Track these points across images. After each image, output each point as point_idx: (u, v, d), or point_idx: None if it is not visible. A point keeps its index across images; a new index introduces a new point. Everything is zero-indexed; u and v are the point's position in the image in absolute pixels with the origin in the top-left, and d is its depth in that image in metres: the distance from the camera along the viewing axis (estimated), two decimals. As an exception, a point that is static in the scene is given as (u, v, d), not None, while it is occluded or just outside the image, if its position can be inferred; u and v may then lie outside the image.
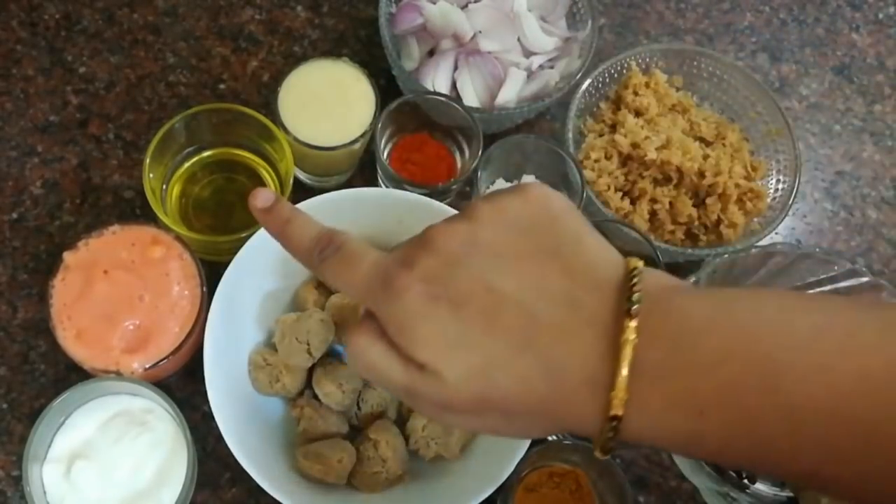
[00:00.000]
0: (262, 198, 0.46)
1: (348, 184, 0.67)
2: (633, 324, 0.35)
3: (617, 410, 0.34)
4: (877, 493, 0.33)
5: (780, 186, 0.67)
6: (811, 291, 0.64)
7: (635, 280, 0.36)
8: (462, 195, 0.66)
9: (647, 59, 0.70)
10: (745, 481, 0.56)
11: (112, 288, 0.52)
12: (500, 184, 0.65)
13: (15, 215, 0.64)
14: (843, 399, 0.32)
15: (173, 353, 0.52)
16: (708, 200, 0.65)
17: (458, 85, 0.67)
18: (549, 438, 0.58)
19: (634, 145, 0.65)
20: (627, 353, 0.34)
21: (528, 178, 0.64)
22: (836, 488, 0.35)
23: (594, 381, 0.35)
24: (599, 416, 0.35)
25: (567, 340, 0.36)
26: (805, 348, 0.33)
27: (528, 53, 0.69)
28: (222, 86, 0.70)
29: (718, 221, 0.65)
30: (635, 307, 0.35)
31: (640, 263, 0.37)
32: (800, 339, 0.33)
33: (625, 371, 0.34)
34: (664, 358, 0.34)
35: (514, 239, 0.38)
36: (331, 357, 0.56)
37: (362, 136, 0.60)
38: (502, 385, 0.36)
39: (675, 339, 0.35)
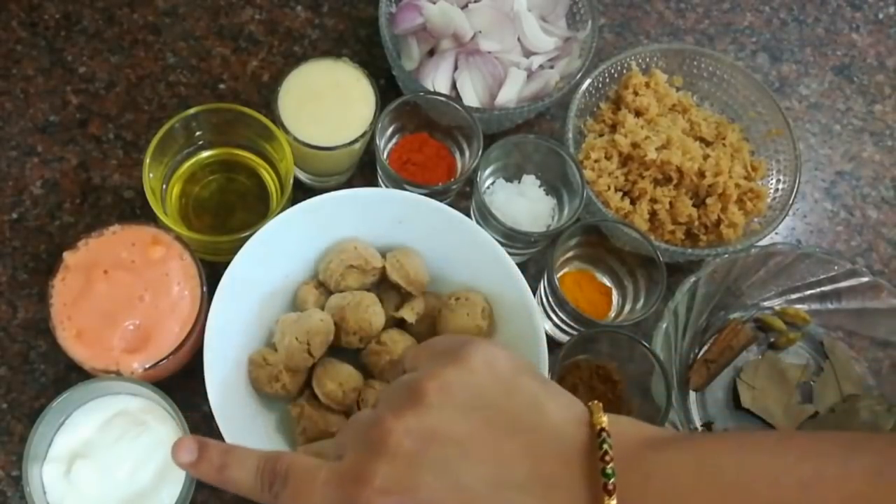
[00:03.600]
0: (185, 450, 0.42)
1: (348, 184, 0.67)
2: (613, 502, 0.33)
3: None
4: None
5: (780, 186, 0.67)
6: (810, 291, 0.64)
7: (604, 447, 0.34)
8: (462, 195, 0.66)
9: (647, 59, 0.70)
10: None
11: (112, 288, 0.52)
12: (501, 184, 0.65)
13: (15, 215, 0.64)
14: None
15: (173, 353, 0.52)
16: (708, 200, 0.65)
17: (458, 85, 0.67)
18: None
19: (634, 145, 0.65)
20: None
21: (528, 179, 0.64)
22: None
23: None
24: None
25: None
26: None
27: (528, 53, 0.69)
28: (222, 86, 0.70)
29: (718, 221, 0.65)
30: (612, 481, 0.34)
31: (604, 418, 0.36)
32: (788, 497, 0.32)
33: None
34: None
35: (468, 421, 0.36)
36: (330, 357, 0.56)
37: (362, 136, 0.60)
38: None
39: None
